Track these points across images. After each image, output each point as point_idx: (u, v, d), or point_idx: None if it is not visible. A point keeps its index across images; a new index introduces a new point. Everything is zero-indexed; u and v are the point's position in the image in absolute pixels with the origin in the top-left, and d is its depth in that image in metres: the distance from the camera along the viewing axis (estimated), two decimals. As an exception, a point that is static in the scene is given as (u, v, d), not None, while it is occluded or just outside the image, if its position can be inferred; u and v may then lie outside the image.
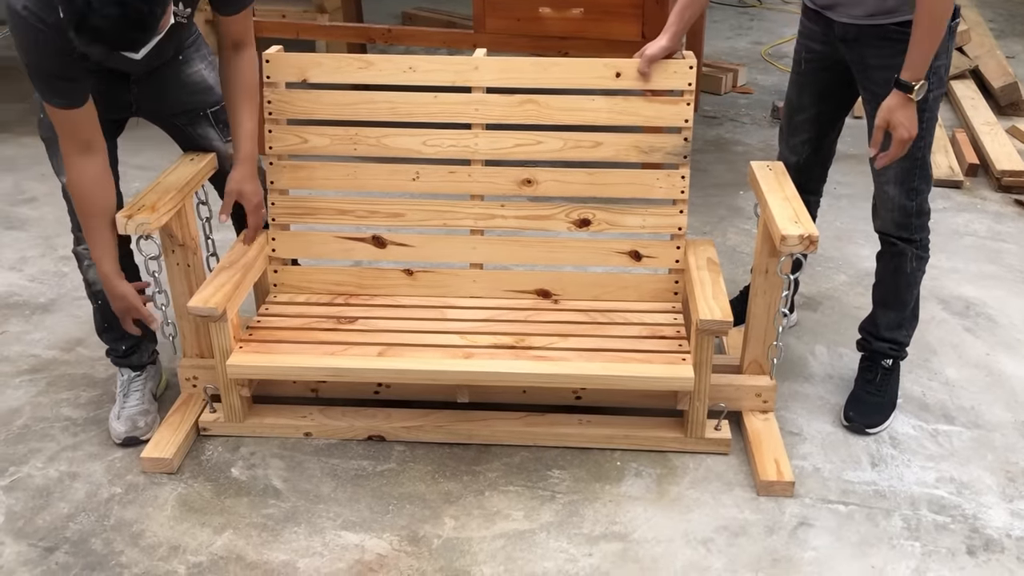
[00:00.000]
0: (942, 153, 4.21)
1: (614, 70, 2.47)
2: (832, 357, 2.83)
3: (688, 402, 2.33)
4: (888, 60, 2.24)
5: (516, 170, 2.54)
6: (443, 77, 2.51)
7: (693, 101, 2.47)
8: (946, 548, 2.15)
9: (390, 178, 2.56)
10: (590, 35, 3.52)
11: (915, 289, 2.50)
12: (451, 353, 2.32)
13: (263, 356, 2.32)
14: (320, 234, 2.62)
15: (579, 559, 2.11)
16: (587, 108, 2.50)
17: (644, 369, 2.26)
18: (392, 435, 2.44)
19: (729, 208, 3.78)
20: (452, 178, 2.54)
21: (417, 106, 2.52)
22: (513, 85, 2.51)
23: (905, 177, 2.36)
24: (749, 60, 5.52)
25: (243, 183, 2.36)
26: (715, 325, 2.20)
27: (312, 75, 2.53)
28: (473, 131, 2.52)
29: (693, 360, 2.27)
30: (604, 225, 2.54)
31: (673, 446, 2.40)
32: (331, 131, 2.54)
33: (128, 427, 2.43)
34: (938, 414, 2.59)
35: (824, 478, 2.35)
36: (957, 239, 3.57)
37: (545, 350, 2.33)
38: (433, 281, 2.60)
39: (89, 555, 2.12)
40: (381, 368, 2.28)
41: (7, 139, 4.49)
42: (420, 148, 2.53)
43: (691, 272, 2.40)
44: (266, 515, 2.23)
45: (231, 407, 2.42)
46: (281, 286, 2.62)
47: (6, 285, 3.23)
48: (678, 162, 2.49)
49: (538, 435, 2.42)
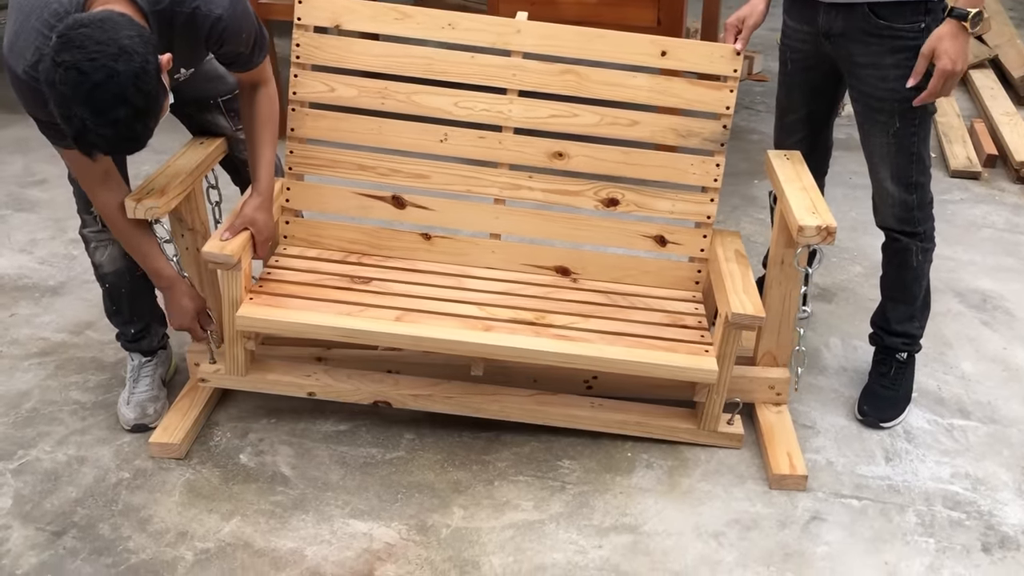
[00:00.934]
0: (960, 144, 4.16)
1: (660, 48, 2.41)
2: (847, 349, 2.80)
3: (705, 394, 2.30)
4: (876, 58, 2.21)
5: (548, 141, 2.46)
6: (482, 37, 2.43)
7: (735, 88, 2.41)
8: (961, 545, 2.12)
9: (417, 137, 2.47)
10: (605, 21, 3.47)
11: (923, 281, 2.46)
12: (470, 324, 2.26)
13: (275, 310, 2.25)
14: (337, 188, 2.53)
15: (588, 551, 2.10)
16: (628, 84, 2.42)
17: (667, 358, 2.22)
18: (399, 402, 2.38)
19: (743, 197, 3.74)
20: (481, 143, 2.47)
21: (452, 65, 2.44)
22: (554, 53, 2.42)
23: (902, 173, 2.31)
24: (764, 48, 5.45)
25: (256, 212, 2.30)
26: (747, 320, 2.16)
27: (345, 21, 2.44)
28: (508, 96, 2.44)
29: (717, 353, 2.23)
30: (632, 206, 2.48)
31: (685, 437, 2.38)
32: (360, 82, 2.45)
33: (138, 414, 2.43)
34: (954, 408, 2.56)
35: (837, 472, 2.32)
36: (975, 231, 3.52)
37: (566, 329, 2.29)
38: (451, 248, 2.53)
39: (97, 540, 2.11)
40: (397, 333, 2.21)
41: (17, 120, 4.47)
42: (451, 109, 2.45)
43: (719, 263, 2.36)
44: (274, 502, 2.22)
45: (234, 359, 2.36)
46: (292, 239, 2.55)
47: (16, 267, 3.22)
48: (714, 149, 2.43)
49: (549, 415, 2.38)
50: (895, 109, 2.23)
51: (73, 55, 1.67)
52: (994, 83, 4.74)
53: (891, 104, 2.23)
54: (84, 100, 1.68)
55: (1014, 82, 4.74)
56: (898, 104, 2.22)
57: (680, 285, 2.52)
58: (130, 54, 1.70)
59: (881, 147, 2.30)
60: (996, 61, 4.95)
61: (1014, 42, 5.03)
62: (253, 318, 2.24)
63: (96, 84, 1.67)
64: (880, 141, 2.30)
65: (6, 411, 2.51)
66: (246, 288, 2.30)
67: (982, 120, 4.40)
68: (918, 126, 2.25)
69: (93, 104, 1.69)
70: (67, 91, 1.68)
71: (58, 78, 1.68)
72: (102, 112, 1.70)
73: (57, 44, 1.69)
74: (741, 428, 2.37)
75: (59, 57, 1.68)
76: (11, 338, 2.83)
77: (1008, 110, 4.40)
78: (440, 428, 2.45)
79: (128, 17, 1.77)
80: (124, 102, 1.70)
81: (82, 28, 1.69)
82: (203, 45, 2.04)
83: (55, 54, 1.68)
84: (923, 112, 2.24)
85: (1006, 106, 4.46)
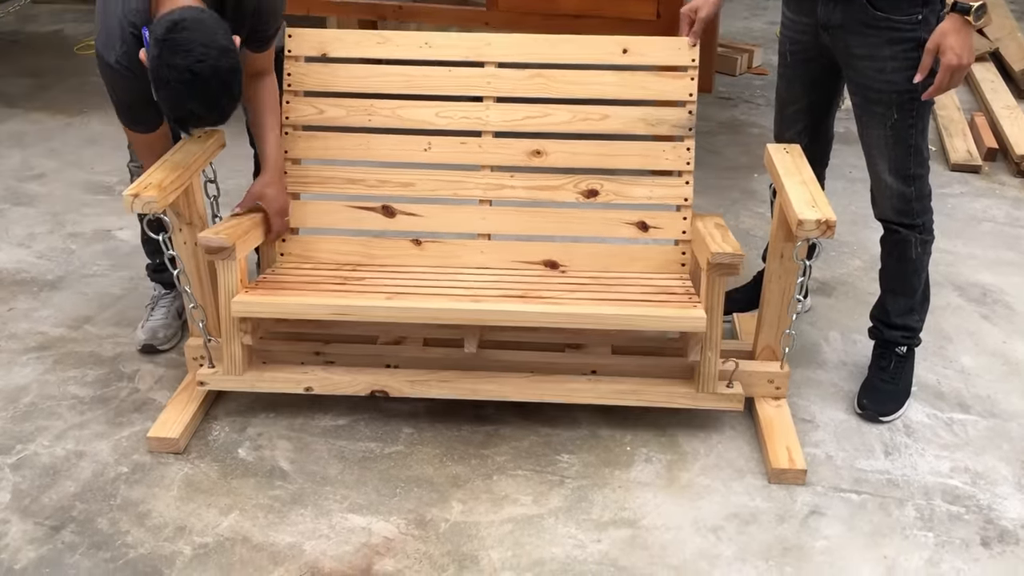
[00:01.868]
0: (960, 137, 4.15)
1: (621, 47, 2.55)
2: (846, 343, 2.79)
3: (699, 351, 2.30)
4: (874, 50, 2.20)
5: (526, 141, 2.57)
6: (457, 53, 2.59)
7: (696, 76, 2.51)
8: (960, 539, 2.12)
9: (402, 148, 2.59)
10: (605, 14, 3.47)
11: (922, 274, 2.46)
12: (460, 298, 2.34)
13: (270, 296, 2.32)
14: (330, 203, 2.62)
15: (587, 545, 2.09)
16: (595, 81, 2.56)
17: (655, 311, 2.26)
18: (396, 390, 2.39)
19: (743, 191, 3.73)
20: (463, 149, 2.58)
21: (431, 79, 2.59)
22: (524, 60, 2.58)
23: (900, 166, 2.31)
24: (765, 41, 5.44)
25: (266, 188, 2.47)
26: (727, 259, 2.20)
27: (332, 50, 2.60)
28: (484, 103, 2.57)
29: (705, 305, 2.26)
30: (612, 196, 2.56)
31: (684, 402, 2.36)
32: (347, 103, 2.60)
33: (148, 335, 2.67)
34: (953, 403, 2.56)
35: (837, 466, 2.32)
36: (975, 225, 3.52)
37: (554, 302, 2.33)
38: (441, 251, 2.60)
39: (95, 534, 2.11)
40: (391, 306, 2.26)
41: (16, 115, 4.47)
42: (432, 119, 2.58)
43: (699, 231, 2.40)
44: (273, 496, 2.22)
45: (231, 357, 2.37)
46: (288, 256, 2.61)
47: (14, 261, 3.22)
48: (684, 134, 2.53)
49: (545, 391, 2.39)
50: (893, 101, 2.23)
51: (184, 59, 1.95)
52: (995, 76, 4.73)
53: (889, 96, 2.23)
54: (196, 96, 1.99)
55: (1015, 75, 4.73)
56: (896, 96, 2.22)
57: (667, 269, 2.57)
58: (229, 52, 2.01)
59: (879, 139, 2.30)
60: (997, 54, 4.94)
61: (1015, 35, 5.02)
62: (248, 302, 2.28)
63: (207, 82, 1.97)
64: (878, 133, 2.29)
65: (4, 406, 2.51)
66: (242, 282, 2.32)
67: (982, 113, 4.39)
68: (916, 118, 2.24)
69: (204, 99, 2.00)
70: (182, 89, 1.97)
71: (173, 78, 1.96)
72: (211, 104, 2.02)
73: (165, 48, 1.95)
74: (741, 390, 2.37)
75: (171, 60, 1.95)
76: (9, 332, 2.83)
77: (1009, 103, 4.39)
78: (439, 422, 2.45)
79: (213, 15, 2.04)
80: (228, 93, 2.03)
81: (184, 32, 1.96)
82: (245, 26, 2.22)
83: (166, 57, 1.95)
84: (921, 104, 2.23)
85: (1007, 99, 4.45)
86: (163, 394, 2.55)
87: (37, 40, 5.51)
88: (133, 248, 3.21)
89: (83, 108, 4.48)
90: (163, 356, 2.71)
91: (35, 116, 4.44)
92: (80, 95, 4.61)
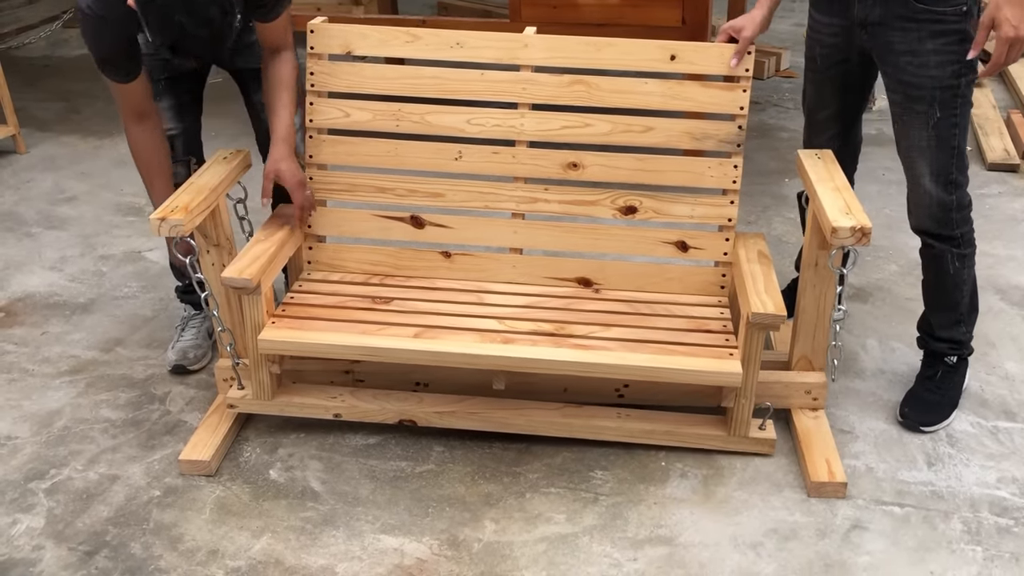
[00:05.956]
0: (996, 136, 4.06)
1: (668, 52, 2.38)
2: (884, 351, 2.73)
3: (733, 399, 2.25)
4: (915, 44, 2.14)
5: (562, 153, 2.45)
6: (490, 54, 2.44)
7: (749, 88, 2.37)
8: (1010, 553, 2.05)
9: (432, 157, 2.49)
10: (629, 21, 3.44)
11: (964, 287, 2.37)
12: (489, 338, 2.26)
13: (295, 332, 2.28)
14: (357, 211, 2.56)
15: (623, 564, 2.05)
16: (639, 91, 2.40)
17: (690, 362, 2.18)
18: (424, 420, 2.37)
19: (774, 197, 3.68)
20: (495, 159, 2.47)
21: (462, 83, 2.45)
22: (562, 65, 2.43)
23: (942, 170, 2.23)
24: (792, 43, 5.38)
25: (280, 162, 2.37)
26: (767, 319, 2.12)
27: (357, 47, 2.48)
28: (519, 111, 2.44)
29: (741, 355, 2.19)
30: (651, 213, 2.45)
31: (715, 445, 2.33)
32: (374, 106, 2.48)
33: (178, 356, 2.70)
34: (998, 410, 2.48)
35: (878, 478, 2.26)
36: (1014, 225, 3.43)
37: (586, 339, 2.27)
38: (471, 264, 2.54)
39: (129, 559, 2.11)
40: (417, 349, 2.22)
41: (48, 138, 4.52)
42: (464, 126, 2.46)
43: (741, 265, 2.31)
44: (304, 518, 2.20)
45: (260, 383, 2.37)
46: (315, 264, 2.58)
47: (47, 285, 3.24)
48: (731, 151, 2.39)
49: (575, 427, 2.35)
50: (936, 98, 2.16)
51: None
52: (1030, 72, 4.63)
53: (931, 92, 2.16)
54: (182, 7, 1.99)
55: (1051, 71, 4.63)
56: (939, 92, 2.16)
57: (705, 290, 2.48)
58: None
59: (920, 141, 2.23)
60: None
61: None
62: (275, 340, 2.26)
63: None
64: (919, 135, 2.22)
65: (38, 430, 2.52)
66: (268, 312, 2.31)
67: (1019, 111, 4.29)
68: (959, 116, 2.18)
69: (190, 8, 2.01)
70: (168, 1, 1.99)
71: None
72: (197, 13, 2.02)
73: None
74: (773, 433, 2.32)
75: None
76: (43, 356, 2.84)
77: (1046, 100, 4.30)
78: (470, 440, 2.42)
79: None
80: (214, 2, 2.03)
81: None
82: None
83: None
84: (964, 102, 2.17)
85: (1043, 96, 4.35)
86: (194, 415, 2.55)
87: (67, 65, 5.59)
88: (163, 269, 3.22)
89: (112, 131, 4.52)
90: (193, 377, 2.72)
91: (66, 139, 4.49)
92: (110, 118, 4.65)
